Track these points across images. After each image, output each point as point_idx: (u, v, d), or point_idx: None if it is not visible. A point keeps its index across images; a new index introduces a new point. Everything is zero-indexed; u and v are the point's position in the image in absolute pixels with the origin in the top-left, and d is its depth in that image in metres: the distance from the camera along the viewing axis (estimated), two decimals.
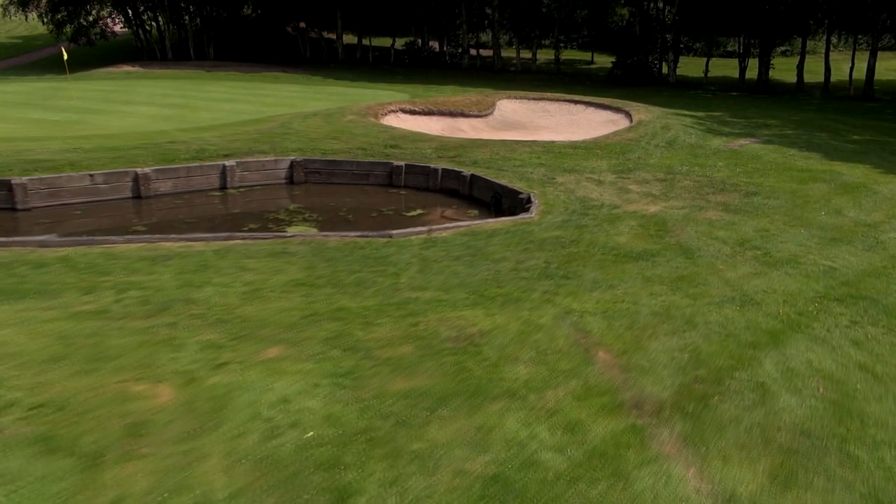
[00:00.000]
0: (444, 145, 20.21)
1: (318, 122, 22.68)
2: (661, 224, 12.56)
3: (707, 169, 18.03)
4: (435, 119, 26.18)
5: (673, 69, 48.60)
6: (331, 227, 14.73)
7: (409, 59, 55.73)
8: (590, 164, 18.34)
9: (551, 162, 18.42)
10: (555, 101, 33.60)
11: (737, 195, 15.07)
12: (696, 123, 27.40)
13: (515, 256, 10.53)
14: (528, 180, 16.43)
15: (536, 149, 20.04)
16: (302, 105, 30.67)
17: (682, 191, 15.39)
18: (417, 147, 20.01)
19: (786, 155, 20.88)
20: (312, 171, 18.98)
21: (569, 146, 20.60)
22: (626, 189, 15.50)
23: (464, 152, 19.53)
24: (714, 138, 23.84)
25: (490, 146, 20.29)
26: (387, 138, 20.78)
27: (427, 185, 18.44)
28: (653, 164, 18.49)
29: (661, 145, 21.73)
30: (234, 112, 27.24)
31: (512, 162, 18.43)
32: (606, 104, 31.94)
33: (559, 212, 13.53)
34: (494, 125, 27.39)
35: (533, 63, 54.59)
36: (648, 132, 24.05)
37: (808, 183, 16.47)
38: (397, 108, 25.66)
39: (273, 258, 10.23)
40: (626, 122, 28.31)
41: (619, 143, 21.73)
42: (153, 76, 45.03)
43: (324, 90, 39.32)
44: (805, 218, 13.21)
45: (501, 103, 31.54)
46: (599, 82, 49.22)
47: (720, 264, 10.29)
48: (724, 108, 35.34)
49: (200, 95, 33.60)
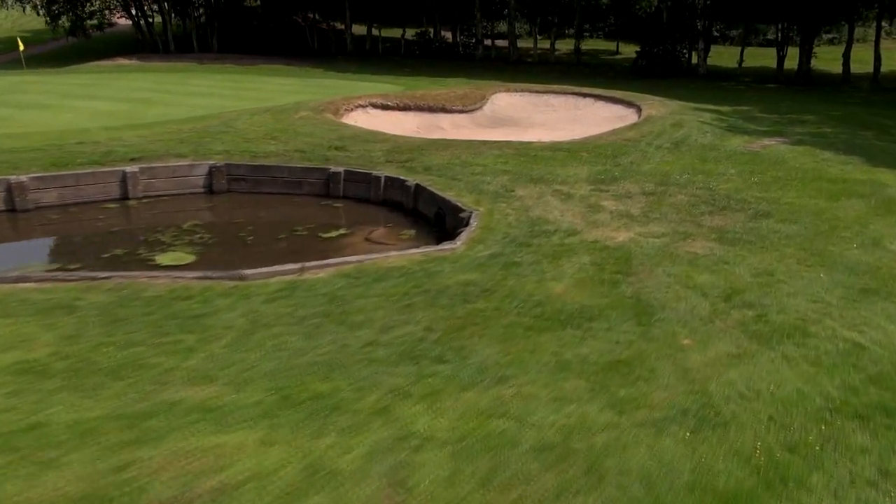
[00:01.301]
0: (398, 147, 17.00)
1: (266, 119, 19.70)
2: (623, 262, 9.16)
3: (713, 178, 14.44)
4: (411, 115, 22.98)
5: (703, 59, 44.30)
6: (213, 255, 11.71)
7: (419, 50, 52.53)
8: (566, 171, 14.92)
9: (519, 168, 15.05)
10: (560, 94, 30.01)
11: (741, 217, 11.50)
12: (716, 120, 23.59)
13: (388, 317, 7.31)
14: (481, 193, 13.13)
15: (508, 151, 16.68)
16: (280, 99, 27.79)
17: (670, 210, 11.89)
18: (366, 149, 16.85)
19: (818, 159, 17.08)
20: (236, 178, 15.98)
21: (549, 148, 17.17)
22: (598, 207, 12.07)
23: (419, 156, 16.30)
24: (733, 137, 20.08)
25: (454, 148, 17.01)
26: (334, 138, 17.67)
27: (369, 195, 15.28)
28: (645, 172, 14.97)
29: (664, 147, 18.13)
30: (193, 107, 24.47)
31: (472, 168, 15.14)
32: (618, 98, 28.25)
33: (495, 240, 10.22)
34: (481, 122, 24.06)
35: (551, 54, 50.81)
36: (654, 130, 20.42)
37: (841, 199, 12.76)
38: (367, 103, 22.53)
39: (40, 316, 7.21)
40: (635, 117, 24.66)
41: (615, 143, 18.20)
42: (144, 69, 42.79)
43: (317, 83, 36.45)
44: (828, 253, 9.63)
45: (497, 97, 28.11)
46: (622, 74, 45.27)
47: (685, 336, 6.89)
48: (755, 101, 31.24)
49: (176, 90, 31.02)
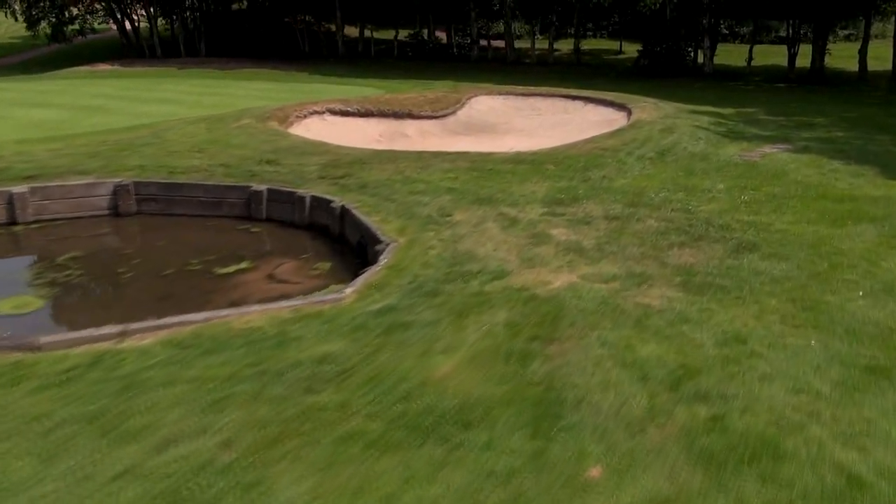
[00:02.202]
0: (337, 160, 14.85)
1: (200, 129, 17.65)
2: (549, 321, 6.93)
3: (695, 196, 12.12)
4: (374, 122, 20.84)
5: (709, 57, 41.76)
6: (68, 301, 9.64)
7: (412, 52, 50.44)
8: (523, 188, 12.68)
9: (468, 186, 12.84)
10: (548, 96, 27.76)
11: (719, 250, 9.20)
12: (713, 124, 21.21)
13: (181, 421, 5.12)
14: (412, 218, 10.94)
15: (461, 165, 14.45)
16: (242, 105, 25.81)
17: (632, 241, 9.61)
18: (301, 163, 14.73)
19: (824, 170, 14.70)
20: (146, 198, 13.91)
21: (510, 160, 14.91)
22: (545, 237, 9.83)
23: (358, 170, 14.14)
24: (729, 145, 17.72)
25: (400, 161, 14.81)
26: (268, 150, 15.56)
27: (294, 217, 13.16)
28: (616, 189, 12.68)
29: (647, 157, 15.81)
30: (139, 116, 22.49)
31: (413, 186, 12.95)
32: (609, 100, 25.94)
33: (398, 286, 8.03)
34: (453, 128, 21.86)
35: (550, 54, 48.50)
36: (639, 137, 18.09)
37: (847, 223, 10.40)
38: (324, 109, 20.41)
39: None
40: (623, 122, 22.35)
41: (590, 152, 15.91)
42: (120, 75, 41.11)
43: (294, 87, 34.52)
44: (825, 307, 7.31)
45: (477, 100, 25.92)
46: (624, 74, 42.89)
47: (596, 461, 4.64)
48: (762, 102, 28.77)
49: (136, 96, 29.16)
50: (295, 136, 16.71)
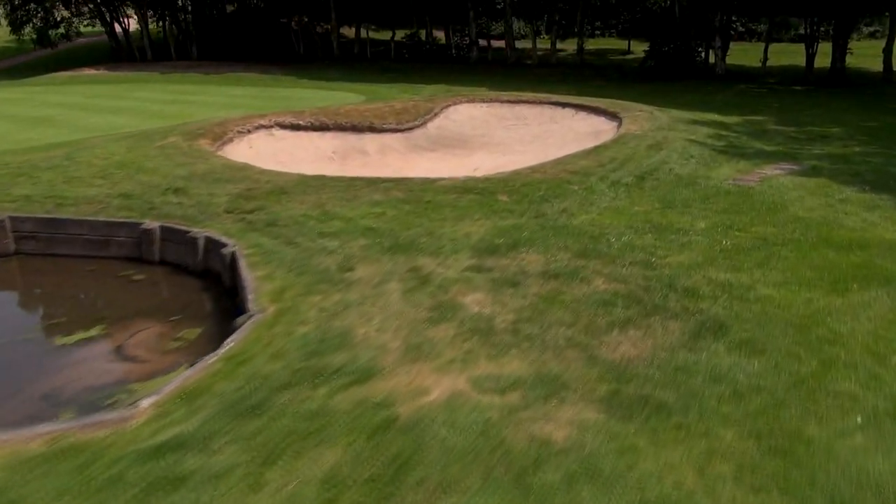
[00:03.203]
0: (253, 189, 12.72)
1: (119, 148, 15.62)
2: (389, 473, 4.72)
3: (666, 241, 9.79)
4: (328, 137, 18.69)
5: (721, 58, 39.04)
6: None
7: (408, 53, 48.30)
8: (456, 229, 10.44)
9: (392, 225, 10.64)
10: (536, 104, 25.44)
11: (675, 332, 6.90)
12: (712, 136, 18.78)
13: None
14: (305, 272, 8.79)
15: (395, 195, 12.23)
16: (203, 114, 23.89)
17: (562, 315, 7.33)
18: (211, 193, 12.63)
19: (833, 199, 12.26)
20: (26, 235, 11.93)
21: (455, 189, 12.64)
22: (453, 307, 7.60)
23: (274, 202, 12.01)
24: (725, 164, 15.32)
25: (325, 190, 12.63)
26: (181, 176, 13.49)
27: (188, 261, 11.08)
28: (572, 230, 10.39)
29: (623, 182, 13.48)
30: (79, 129, 20.66)
31: (329, 224, 10.79)
32: (601, 108, 23.55)
33: (219, 395, 5.87)
34: (419, 143, 19.64)
35: (553, 55, 46.07)
36: (621, 155, 15.74)
37: (852, 287, 8.00)
38: (272, 123, 18.30)
39: None
40: (612, 134, 19.99)
41: (555, 177, 13.60)
42: (98, 80, 39.53)
43: (272, 93, 32.63)
44: (804, 448, 4.98)
45: (456, 109, 23.69)
46: (630, 76, 40.39)
47: None
48: (774, 109, 26.20)
49: (96, 105, 27.40)
50: (218, 157, 14.62)
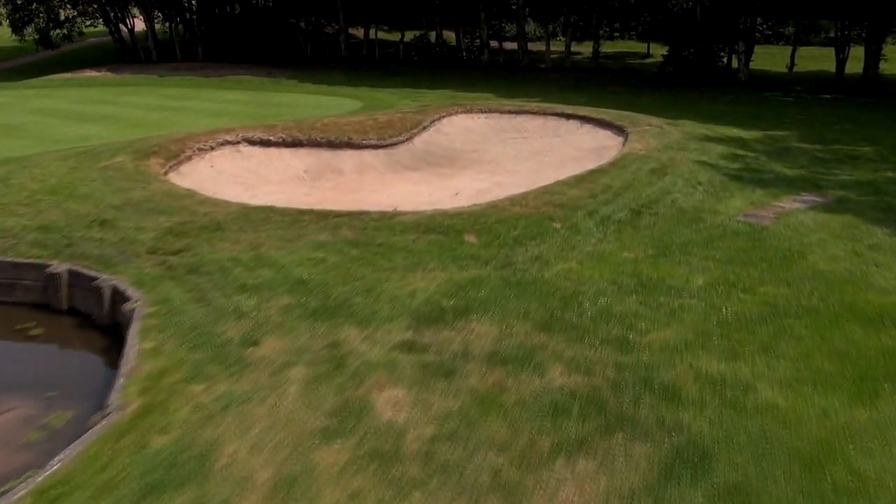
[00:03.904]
0: (187, 223, 11.14)
1: (62, 168, 14.16)
2: None
3: (652, 305, 8.01)
4: (301, 153, 17.10)
5: (744, 63, 36.80)
6: None
7: (417, 56, 46.66)
8: (402, 283, 8.76)
9: (327, 277, 8.99)
10: (539, 115, 23.64)
11: (640, 466, 5.12)
12: (726, 157, 16.85)
13: None
14: (200, 346, 7.20)
15: (344, 235, 10.54)
16: (186, 122, 22.54)
17: (496, 429, 5.61)
18: (141, 226, 11.08)
19: (861, 245, 10.36)
20: None
21: (414, 227, 10.90)
22: (357, 412, 5.92)
23: (205, 241, 10.42)
24: (737, 194, 13.43)
25: (267, 226, 10.99)
26: (112, 205, 11.96)
27: (96, 312, 9.56)
28: (541, 287, 8.64)
29: (615, 217, 11.67)
30: (45, 141, 19.38)
31: (256, 274, 9.18)
32: (608, 121, 21.68)
33: None
34: (402, 160, 17.95)
35: (567, 58, 44.10)
36: (619, 182, 13.91)
37: (881, 392, 6.16)
38: (240, 138, 16.75)
39: None
40: (615, 152, 18.17)
41: (537, 211, 11.83)
42: (94, 83, 38.49)
43: (267, 99, 31.21)
44: None
45: (451, 121, 21.99)
46: (648, 81, 38.33)
47: None
48: (799, 121, 24.08)
49: (78, 111, 26.18)
50: (162, 182, 13.08)
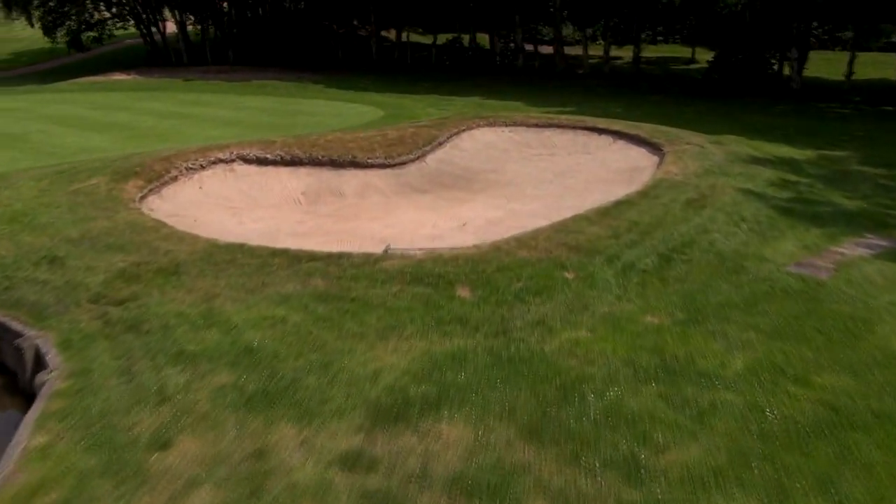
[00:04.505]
0: (144, 264, 9.76)
1: (32, 190, 12.99)
2: None
3: (675, 405, 6.28)
4: (301, 173, 15.69)
5: (797, 70, 34.23)
6: None
7: (449, 60, 45.12)
8: (367, 358, 7.21)
9: (286, 343, 7.49)
10: (569, 129, 21.81)
11: None
12: (775, 184, 14.83)
13: None
14: (99, 446, 5.78)
15: (314, 285, 8.99)
16: (196, 133, 21.52)
17: None
18: (92, 266, 9.77)
19: None
20: None
21: (399, 275, 9.28)
22: None
23: (157, 288, 9.03)
24: (786, 234, 11.49)
25: (228, 272, 9.52)
26: (69, 238, 10.68)
27: (19, 370, 8.27)
28: (540, 367, 6.98)
29: (640, 265, 9.88)
30: (47, 152, 18.45)
31: (206, 334, 7.75)
32: (645, 137, 19.75)
33: None
34: (412, 181, 16.39)
35: (606, 63, 41.99)
36: (649, 216, 12.07)
37: None
38: (234, 156, 15.42)
39: None
40: (647, 174, 16.30)
41: (547, 255, 10.12)
42: (118, 87, 38.01)
43: (289, 106, 30.07)
44: None
45: (471, 135, 20.36)
46: (690, 89, 36.04)
47: None
48: (858, 139, 21.76)
49: (91, 118, 25.41)
50: (132, 210, 11.76)
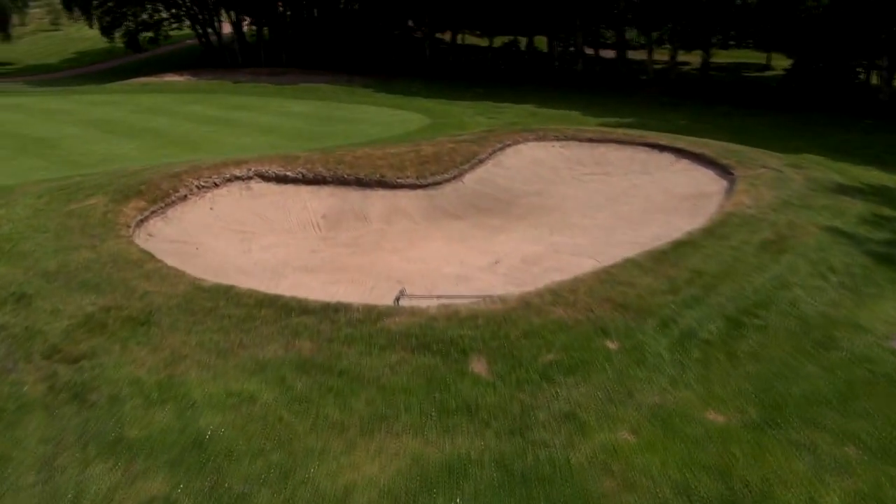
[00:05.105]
0: (112, 311, 8.47)
1: (27, 210, 11.93)
2: None
3: None
4: (323, 193, 14.28)
5: (887, 80, 31.01)
6: None
7: (504, 64, 43.30)
8: (346, 462, 5.64)
9: (248, 435, 6.03)
10: (627, 144, 19.77)
11: None
12: (868, 221, 12.58)
13: None
14: None
15: (298, 348, 7.47)
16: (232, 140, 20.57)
17: None
18: (60, 308, 8.53)
19: None
20: None
21: (406, 336, 7.65)
22: None
23: (118, 343, 7.71)
24: (886, 291, 9.37)
25: (206, 323, 8.08)
26: (42, 272, 9.50)
27: None
28: (559, 492, 5.30)
29: (701, 335, 8.01)
30: (69, 161, 17.70)
31: (152, 415, 6.37)
32: (712, 157, 17.60)
33: None
34: (445, 204, 14.77)
35: (672, 69, 39.39)
36: (715, 263, 10.09)
37: None
38: (251, 173, 14.15)
39: None
40: (715, 203, 14.25)
41: (588, 315, 8.32)
42: (167, 88, 37.77)
43: (333, 112, 28.95)
44: None
45: (517, 150, 18.61)
46: (766, 99, 33.22)
47: None
48: None
49: (127, 122, 24.81)
50: (118, 240, 10.51)
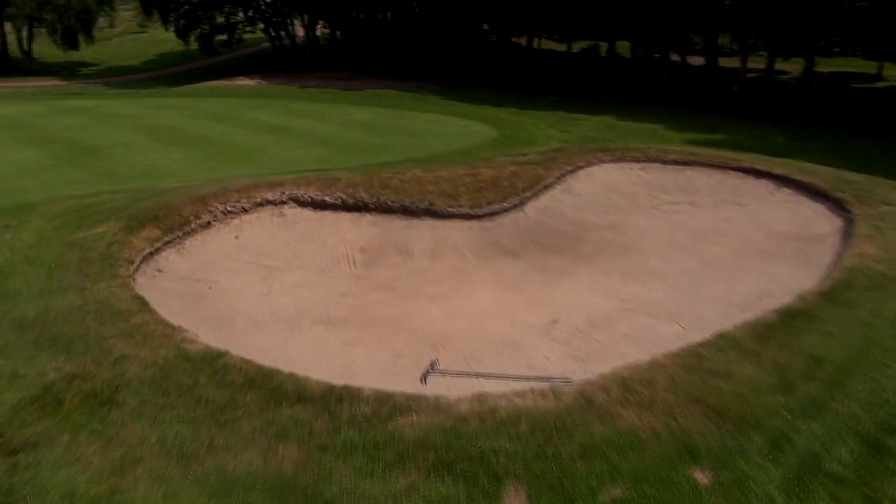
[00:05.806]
0: (76, 381, 7.01)
1: (33, 235, 10.76)
2: None
3: None
4: (365, 221, 12.62)
5: None
6: None
7: (582, 71, 40.85)
8: None
9: None
10: (716, 167, 17.30)
11: None
12: None
13: None
14: None
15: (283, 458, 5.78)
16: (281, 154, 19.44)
17: None
18: (20, 372, 7.10)
19: None
20: None
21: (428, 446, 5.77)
22: None
23: (72, 432, 6.22)
24: None
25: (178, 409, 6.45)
26: (17, 320, 8.17)
27: None
28: None
29: (827, 469, 5.83)
30: (107, 171, 16.85)
31: None
32: (821, 188, 14.98)
33: None
34: (501, 239, 12.85)
35: (768, 78, 36.01)
36: (837, 349, 7.78)
37: None
38: (286, 197, 12.63)
39: None
40: (829, 249, 11.75)
41: (669, 422, 6.26)
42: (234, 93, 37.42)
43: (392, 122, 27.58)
44: None
45: (589, 173, 16.49)
46: (878, 116, 29.65)
47: None
48: None
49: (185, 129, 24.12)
50: (112, 280, 9.09)
